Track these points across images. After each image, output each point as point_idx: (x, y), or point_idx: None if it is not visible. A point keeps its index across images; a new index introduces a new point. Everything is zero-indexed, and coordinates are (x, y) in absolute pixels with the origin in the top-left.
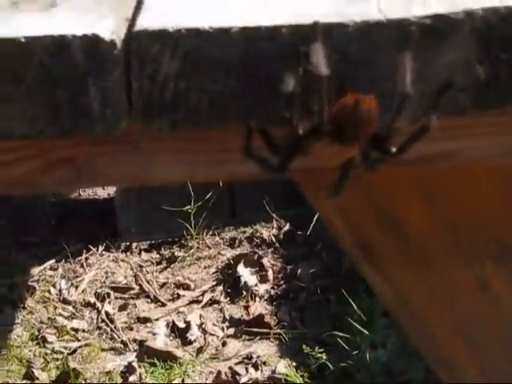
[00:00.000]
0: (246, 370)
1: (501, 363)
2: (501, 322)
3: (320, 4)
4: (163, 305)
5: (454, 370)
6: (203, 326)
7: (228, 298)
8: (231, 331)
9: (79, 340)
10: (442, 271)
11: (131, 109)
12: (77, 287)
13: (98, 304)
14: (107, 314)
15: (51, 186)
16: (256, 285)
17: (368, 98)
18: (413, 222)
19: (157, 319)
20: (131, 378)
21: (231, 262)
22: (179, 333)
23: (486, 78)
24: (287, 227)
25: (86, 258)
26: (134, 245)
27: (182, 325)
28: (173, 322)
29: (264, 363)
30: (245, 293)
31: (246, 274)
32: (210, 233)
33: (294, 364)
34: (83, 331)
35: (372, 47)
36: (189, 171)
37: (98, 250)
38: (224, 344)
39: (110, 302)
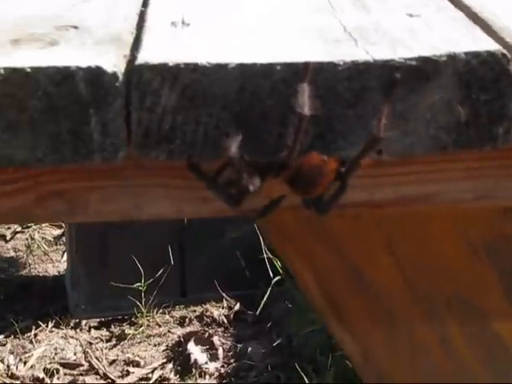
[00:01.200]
0: None
1: None
2: (461, 379)
3: (311, 45)
4: (113, 382)
5: None
6: None
7: (178, 376)
8: None
9: None
10: (404, 328)
11: (130, 139)
12: (25, 363)
13: (47, 379)
14: None
15: (44, 219)
16: (206, 363)
17: (331, 161)
18: (378, 280)
19: None
20: None
21: (181, 339)
22: None
23: (467, 118)
24: (237, 307)
25: (35, 335)
26: (84, 322)
27: None
28: None
29: None
30: (194, 370)
31: (196, 352)
32: (161, 311)
33: None
34: None
35: (360, 87)
36: (177, 207)
37: (47, 326)
38: None
39: (58, 378)
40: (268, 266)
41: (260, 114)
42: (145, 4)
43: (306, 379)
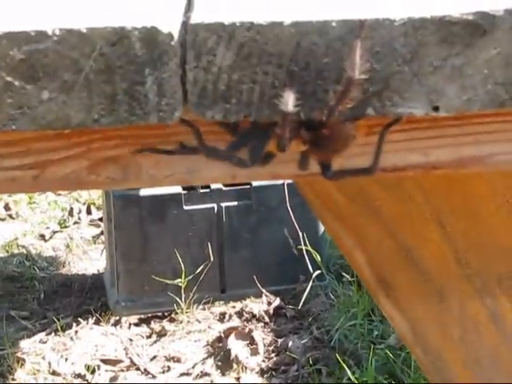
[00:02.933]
0: None
1: None
2: None
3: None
4: (154, 377)
5: None
6: None
7: (219, 371)
8: None
9: None
10: (454, 305)
11: (186, 99)
12: (66, 359)
13: (88, 376)
14: None
15: (97, 185)
16: (247, 357)
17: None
18: (428, 256)
19: None
20: None
21: (222, 335)
22: None
23: None
24: (277, 302)
25: (76, 332)
26: (124, 319)
27: None
28: None
29: None
30: (235, 365)
31: (236, 347)
32: (200, 307)
33: None
34: None
35: (417, 43)
36: (230, 171)
37: (87, 323)
38: None
39: (100, 374)
40: (307, 260)
41: (316, 72)
42: None
43: (348, 372)
